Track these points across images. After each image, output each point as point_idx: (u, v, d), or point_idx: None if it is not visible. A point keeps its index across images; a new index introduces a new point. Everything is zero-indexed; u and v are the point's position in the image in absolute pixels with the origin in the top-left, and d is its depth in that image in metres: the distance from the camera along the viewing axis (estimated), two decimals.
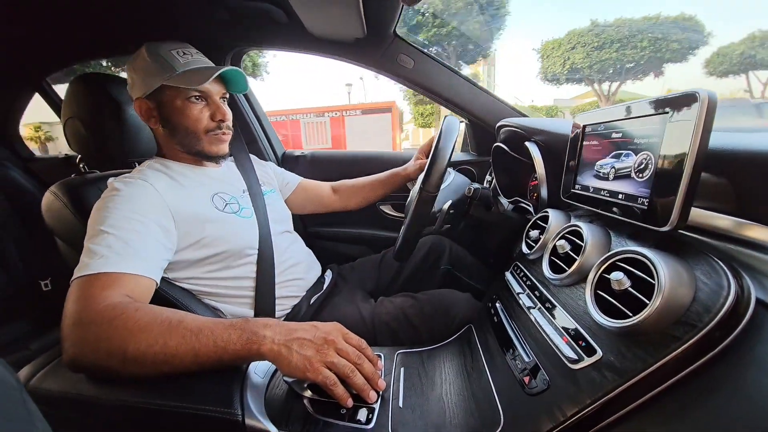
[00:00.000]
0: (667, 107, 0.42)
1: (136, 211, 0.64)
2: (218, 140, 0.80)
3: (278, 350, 0.47)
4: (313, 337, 0.49)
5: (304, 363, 0.46)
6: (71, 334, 0.50)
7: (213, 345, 0.47)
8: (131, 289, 0.56)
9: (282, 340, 0.48)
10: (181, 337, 0.48)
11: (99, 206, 0.64)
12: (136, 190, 0.67)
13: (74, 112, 0.83)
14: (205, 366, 0.48)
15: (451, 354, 0.66)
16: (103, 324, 0.49)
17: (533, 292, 0.60)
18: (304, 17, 0.98)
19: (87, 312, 0.51)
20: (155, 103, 0.76)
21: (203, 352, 0.47)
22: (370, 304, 0.87)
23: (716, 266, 0.37)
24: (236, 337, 0.48)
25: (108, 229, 0.60)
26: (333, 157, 1.53)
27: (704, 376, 0.33)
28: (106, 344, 0.48)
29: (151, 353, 0.47)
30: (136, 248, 0.60)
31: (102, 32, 1.15)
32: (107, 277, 0.55)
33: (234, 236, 0.77)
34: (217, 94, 0.79)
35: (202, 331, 0.48)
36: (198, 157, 0.82)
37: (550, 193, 0.76)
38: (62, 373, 0.54)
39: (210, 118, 0.78)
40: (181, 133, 0.77)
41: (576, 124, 0.62)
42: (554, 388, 0.43)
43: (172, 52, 0.75)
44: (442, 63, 1.16)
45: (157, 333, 0.48)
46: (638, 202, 0.45)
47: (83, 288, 0.54)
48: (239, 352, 0.47)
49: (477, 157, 1.35)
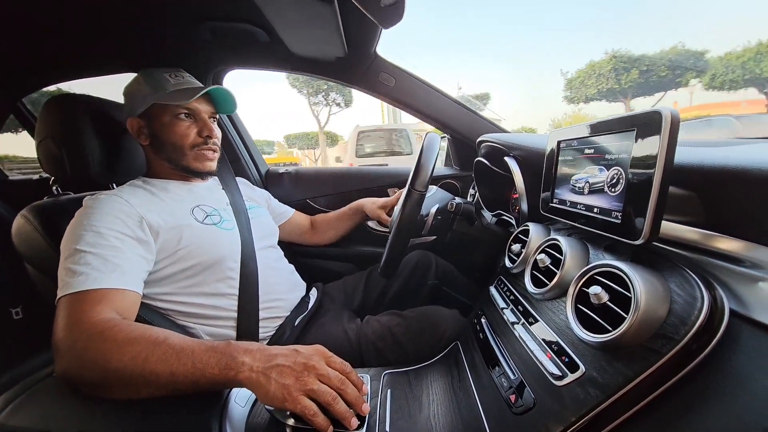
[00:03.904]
0: (633, 125, 0.43)
1: (110, 227, 0.64)
2: (204, 156, 0.82)
3: (256, 378, 0.45)
4: (293, 364, 0.47)
5: (282, 392, 0.44)
6: (63, 349, 0.50)
7: (191, 367, 0.46)
8: (119, 304, 0.57)
9: (260, 367, 0.46)
10: (162, 353, 0.47)
11: (73, 224, 0.65)
12: (108, 205, 0.67)
13: (48, 132, 0.81)
14: (182, 389, 0.46)
15: (438, 373, 0.65)
16: (94, 335, 0.50)
17: (517, 306, 0.60)
18: (286, 37, 1.00)
19: (79, 326, 0.51)
20: (146, 120, 0.80)
21: (180, 372, 0.46)
22: (356, 324, 0.85)
23: (688, 278, 0.38)
24: (215, 361, 0.46)
25: (85, 248, 0.60)
26: (317, 174, 1.53)
27: (684, 389, 0.34)
28: (93, 355, 0.48)
29: (130, 368, 0.46)
30: (116, 263, 0.60)
31: (80, 52, 1.14)
32: (94, 294, 0.56)
33: (213, 247, 0.76)
34: (206, 112, 0.82)
35: (184, 351, 0.47)
36: (184, 172, 0.84)
37: (530, 207, 0.78)
38: (31, 409, 0.51)
39: (197, 134, 0.81)
40: (168, 149, 0.80)
41: (551, 140, 0.64)
42: (540, 406, 0.43)
43: (165, 75, 0.81)
44: (423, 81, 1.18)
45: (142, 347, 0.48)
46: (612, 216, 0.47)
47: (72, 305, 0.54)
48: (216, 378, 0.46)
49: (460, 171, 1.37)
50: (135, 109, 0.79)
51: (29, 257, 0.77)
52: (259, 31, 1.02)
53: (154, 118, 0.79)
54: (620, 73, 18.98)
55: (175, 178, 0.84)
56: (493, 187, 1.04)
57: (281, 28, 0.94)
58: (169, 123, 0.78)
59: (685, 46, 19.74)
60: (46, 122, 0.81)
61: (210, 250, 0.75)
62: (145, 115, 0.79)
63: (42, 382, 0.58)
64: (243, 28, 1.02)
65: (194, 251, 0.73)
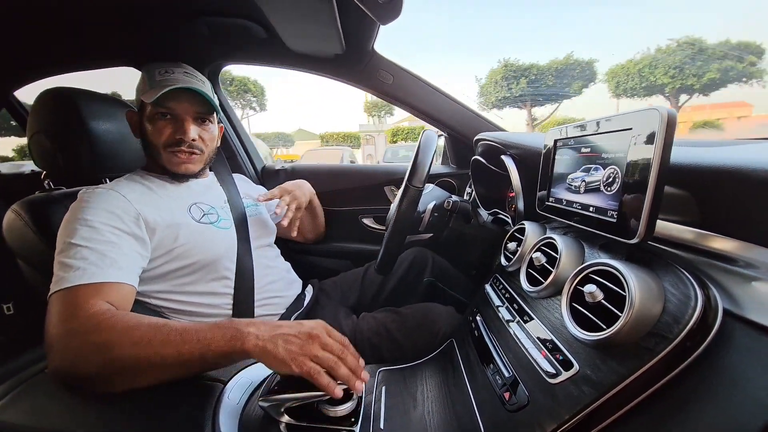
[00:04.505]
0: (630, 124, 0.43)
1: (105, 222, 0.63)
2: (176, 159, 0.78)
3: (263, 345, 0.47)
4: (297, 333, 0.49)
5: (289, 356, 0.46)
6: (57, 344, 0.49)
7: (197, 343, 0.47)
8: (114, 296, 0.57)
9: (267, 336, 0.48)
10: (165, 335, 0.48)
11: (68, 218, 0.63)
12: (104, 200, 0.66)
13: (40, 126, 0.80)
14: (190, 367, 0.48)
15: (433, 370, 0.65)
16: (90, 329, 0.49)
17: (512, 304, 0.60)
18: (283, 33, 0.99)
19: (72, 321, 0.51)
20: (138, 115, 0.79)
21: (186, 350, 0.47)
22: (352, 320, 0.85)
23: (683, 277, 0.38)
24: (220, 335, 0.48)
25: (80, 242, 0.59)
26: (314, 171, 1.53)
27: (678, 387, 0.34)
28: (92, 347, 0.48)
29: (134, 354, 0.47)
30: (113, 258, 0.60)
31: (74, 46, 1.13)
32: (88, 288, 0.55)
33: (209, 246, 0.76)
34: (187, 112, 0.77)
35: (187, 331, 0.49)
36: (162, 173, 0.81)
37: (526, 206, 0.78)
38: (23, 405, 0.51)
39: (172, 134, 0.77)
40: (149, 147, 0.79)
41: (547, 139, 0.64)
42: (534, 403, 0.43)
43: (156, 71, 0.77)
44: (421, 79, 1.18)
45: (143, 332, 0.48)
46: (608, 215, 0.47)
47: (65, 300, 0.54)
48: (223, 349, 0.47)
49: (457, 169, 1.37)
50: (134, 103, 0.79)
51: (20, 253, 0.76)
52: (255, 26, 1.01)
53: (142, 114, 0.77)
54: (511, 82, 19.64)
55: (168, 176, 0.82)
56: (490, 185, 1.04)
57: (278, 24, 0.93)
58: (149, 121, 0.76)
59: (574, 55, 20.15)
60: (38, 116, 0.80)
61: (206, 250, 0.75)
62: (139, 110, 0.78)
63: (34, 378, 0.57)
64: (239, 24, 1.01)
65: (190, 250, 0.73)
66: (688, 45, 18.25)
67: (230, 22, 1.00)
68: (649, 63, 18.45)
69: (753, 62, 18.80)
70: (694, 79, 18.30)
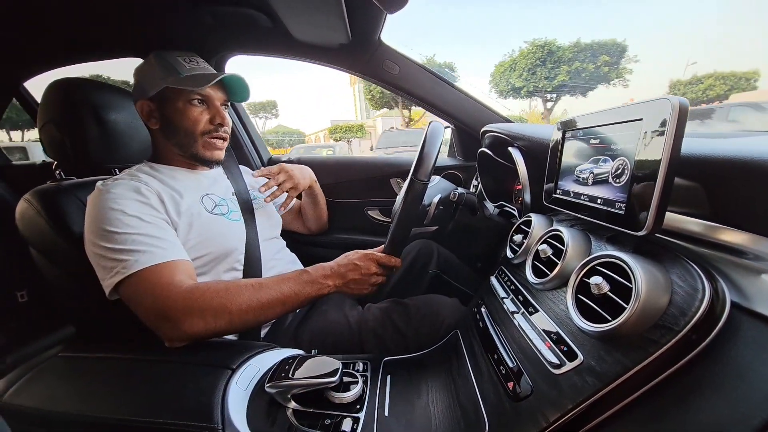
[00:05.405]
0: (641, 114, 0.43)
1: (140, 210, 0.66)
2: (213, 144, 0.81)
3: (341, 289, 0.72)
4: (360, 276, 0.72)
5: (360, 289, 0.74)
6: (172, 316, 0.57)
7: (293, 294, 0.66)
8: (189, 272, 0.65)
9: (341, 283, 0.71)
10: (267, 289, 0.64)
11: (99, 208, 0.65)
12: (131, 189, 0.69)
13: (50, 116, 0.80)
14: (289, 308, 0.67)
15: (438, 360, 0.66)
16: (198, 297, 0.59)
17: (517, 296, 0.60)
18: (289, 22, 0.98)
19: (175, 295, 0.58)
20: (157, 104, 0.78)
21: (286, 291, 0.66)
22: (357, 311, 0.86)
23: (691, 269, 0.38)
24: (309, 288, 0.68)
25: (126, 229, 0.62)
26: (321, 163, 1.53)
27: (682, 379, 0.34)
28: (211, 310, 0.58)
29: (249, 307, 0.61)
30: (167, 240, 0.65)
31: (82, 36, 1.13)
32: (165, 266, 0.61)
33: (222, 238, 0.77)
34: (218, 99, 0.80)
35: (284, 283, 0.66)
36: (193, 160, 0.83)
37: (533, 198, 0.77)
38: (34, 389, 0.52)
39: (209, 121, 0.80)
40: (180, 134, 0.79)
41: (556, 130, 0.64)
42: (537, 393, 0.43)
43: (179, 59, 0.78)
44: (427, 69, 1.17)
45: (248, 293, 0.62)
46: (616, 207, 0.46)
47: (151, 279, 0.59)
48: (311, 296, 0.68)
49: (463, 161, 1.36)
50: (146, 92, 0.77)
51: (33, 241, 0.78)
52: (261, 15, 1.01)
53: (166, 102, 0.77)
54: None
55: (182, 166, 0.83)
56: (496, 177, 1.04)
57: (284, 13, 0.92)
58: (182, 108, 0.76)
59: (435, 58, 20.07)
60: (48, 107, 0.81)
61: (220, 242, 0.76)
62: (157, 99, 0.77)
63: (47, 363, 0.59)
64: (244, 13, 1.00)
65: (204, 242, 0.74)
66: (538, 47, 18.01)
67: (235, 11, 1.00)
68: (509, 66, 18.86)
69: (607, 62, 18.57)
70: (545, 82, 18.51)
